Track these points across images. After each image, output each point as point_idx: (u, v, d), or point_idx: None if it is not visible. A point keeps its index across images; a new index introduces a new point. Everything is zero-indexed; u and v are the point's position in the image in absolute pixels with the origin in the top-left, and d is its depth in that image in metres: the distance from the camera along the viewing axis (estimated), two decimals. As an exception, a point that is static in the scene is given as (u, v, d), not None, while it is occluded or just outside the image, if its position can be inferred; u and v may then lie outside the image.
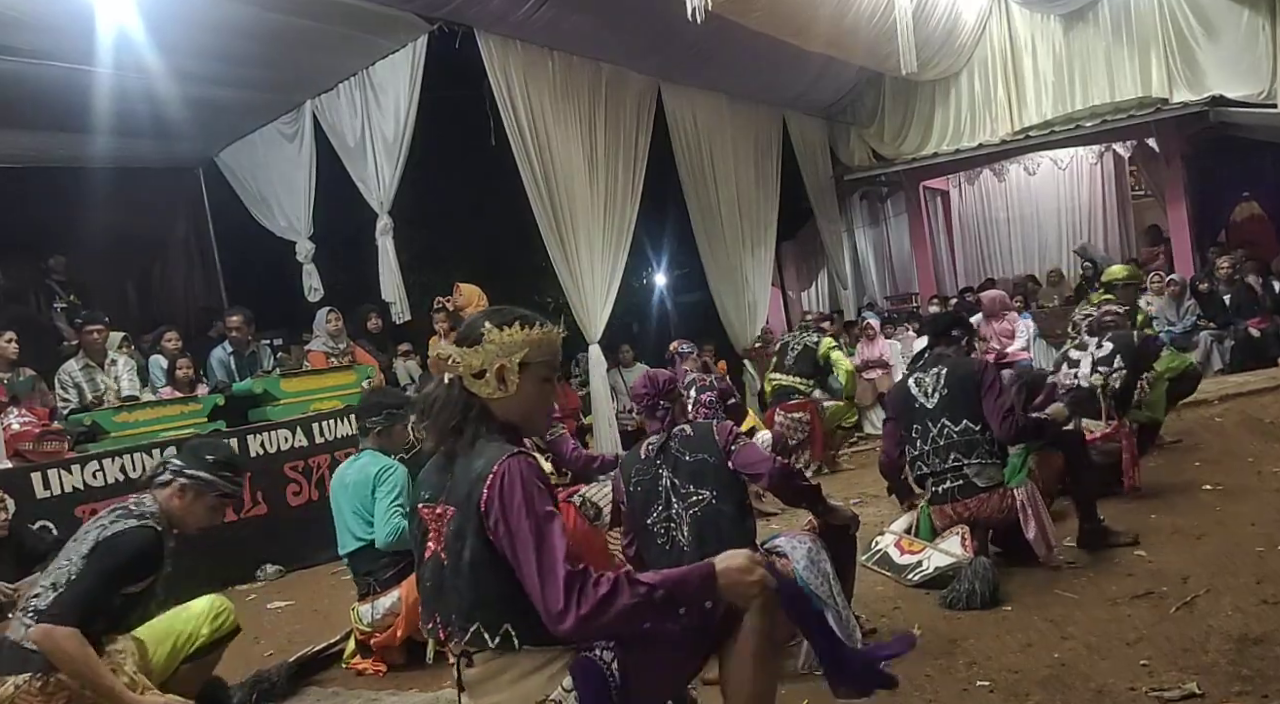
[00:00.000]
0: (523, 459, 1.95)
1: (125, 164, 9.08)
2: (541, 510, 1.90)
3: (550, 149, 8.17)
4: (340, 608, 5.05)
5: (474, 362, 2.04)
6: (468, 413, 2.05)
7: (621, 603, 1.83)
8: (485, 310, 2.20)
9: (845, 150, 13.18)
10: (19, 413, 6.03)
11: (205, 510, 3.06)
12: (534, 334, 2.06)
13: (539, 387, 2.10)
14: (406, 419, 4.07)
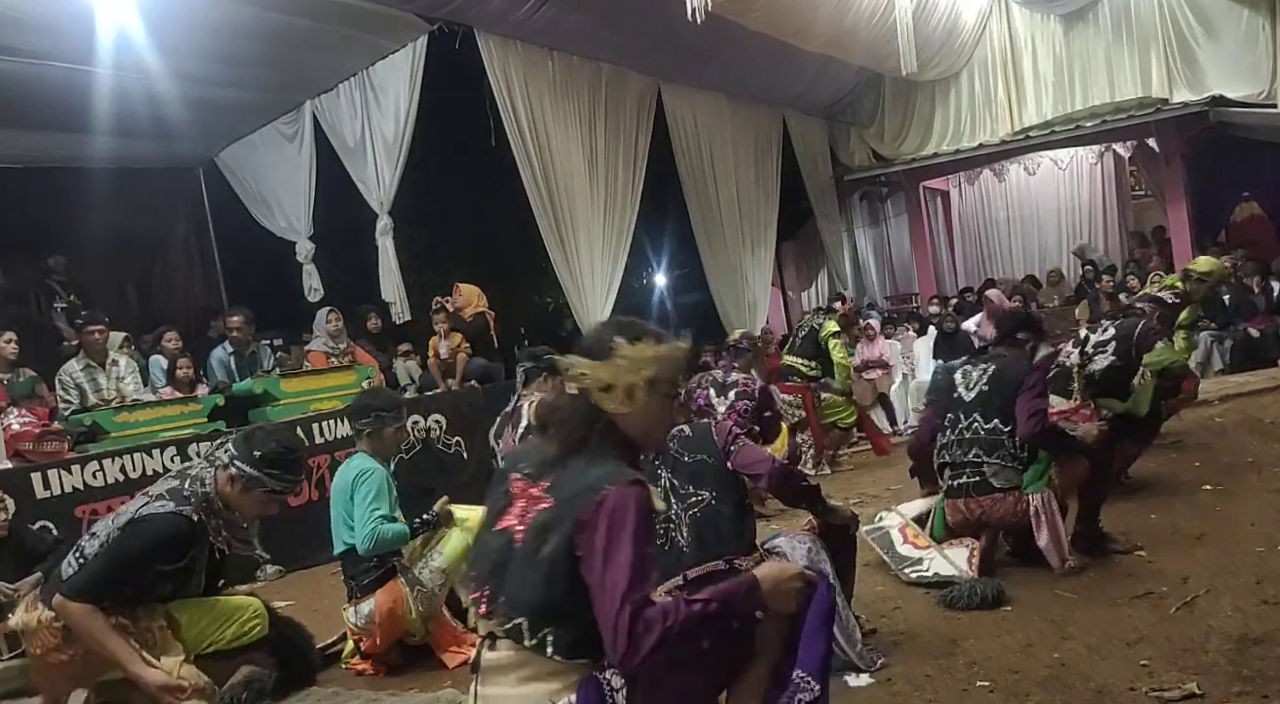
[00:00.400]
0: (642, 490, 1.91)
1: (125, 164, 9.08)
2: (643, 549, 1.85)
3: (550, 149, 8.18)
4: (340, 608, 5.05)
5: (603, 375, 2.00)
6: (593, 425, 2.01)
7: (681, 625, 1.80)
8: (613, 323, 2.13)
9: (845, 150, 13.19)
10: (19, 413, 6.03)
11: (255, 503, 3.06)
12: (663, 351, 2.03)
13: (663, 404, 2.07)
14: (399, 421, 4.03)
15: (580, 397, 2.03)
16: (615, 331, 2.04)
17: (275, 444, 3.04)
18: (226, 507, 3.04)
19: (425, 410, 7.41)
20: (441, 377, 8.32)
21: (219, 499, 3.05)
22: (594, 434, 2.01)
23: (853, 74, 11.77)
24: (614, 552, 1.83)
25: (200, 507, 3.02)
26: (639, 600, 1.79)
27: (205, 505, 3.03)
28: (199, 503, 3.02)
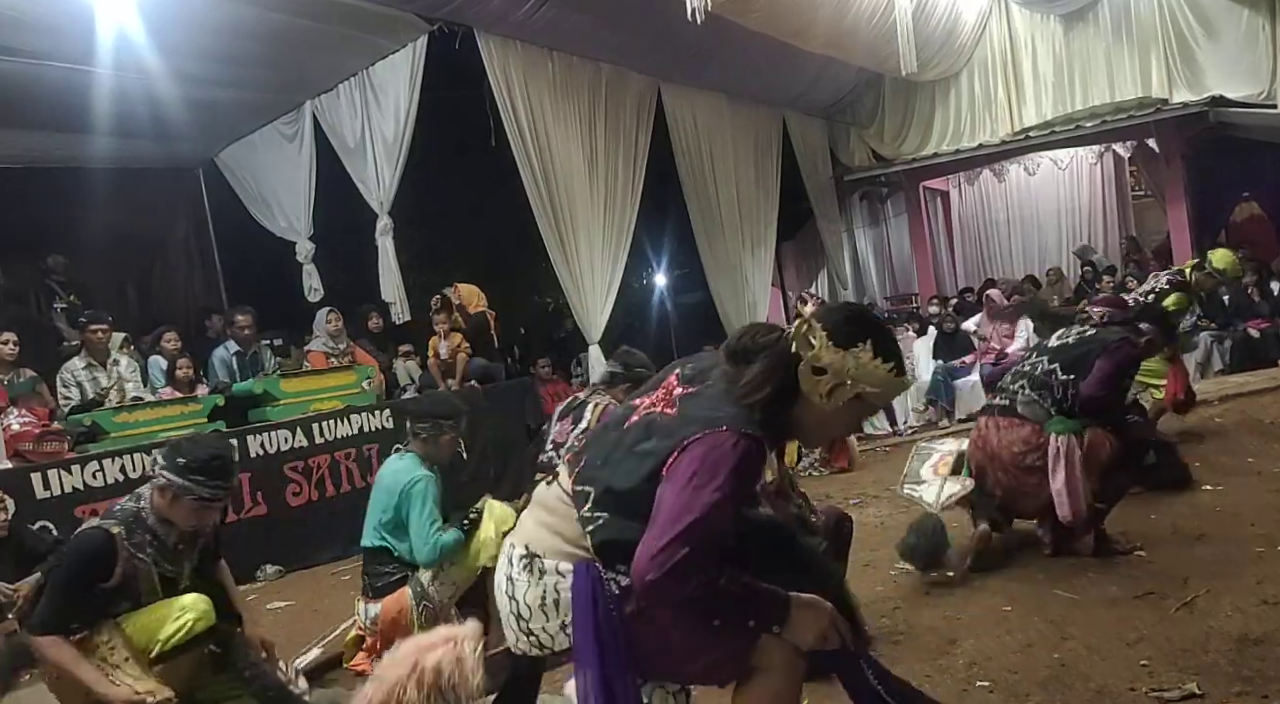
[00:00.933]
0: (757, 447, 1.85)
1: (125, 164, 9.09)
2: (725, 499, 1.79)
3: (550, 149, 8.18)
4: (340, 608, 5.05)
5: (826, 358, 1.91)
6: (781, 385, 1.93)
7: (712, 589, 1.78)
8: (874, 323, 2.02)
9: (845, 150, 13.18)
10: (19, 413, 6.03)
11: (187, 512, 2.97)
12: (894, 380, 1.95)
13: (852, 417, 2.03)
14: (456, 431, 4.00)
15: (789, 356, 1.94)
16: (872, 332, 1.95)
17: (200, 451, 2.96)
18: (163, 521, 3.01)
19: (425, 410, 7.40)
20: (441, 377, 8.32)
21: (154, 514, 3.00)
22: (773, 395, 1.93)
23: (853, 74, 11.76)
24: (701, 487, 1.79)
25: (125, 521, 2.99)
26: (698, 543, 1.75)
27: (132, 520, 3.00)
28: (124, 517, 3.00)
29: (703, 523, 1.76)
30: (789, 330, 1.98)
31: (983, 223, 14.92)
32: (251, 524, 6.23)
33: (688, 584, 1.76)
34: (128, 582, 2.96)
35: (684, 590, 1.77)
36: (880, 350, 1.92)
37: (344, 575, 6.06)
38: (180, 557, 3.06)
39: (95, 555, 2.94)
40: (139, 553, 2.97)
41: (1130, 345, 4.17)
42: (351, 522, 6.67)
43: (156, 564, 3.00)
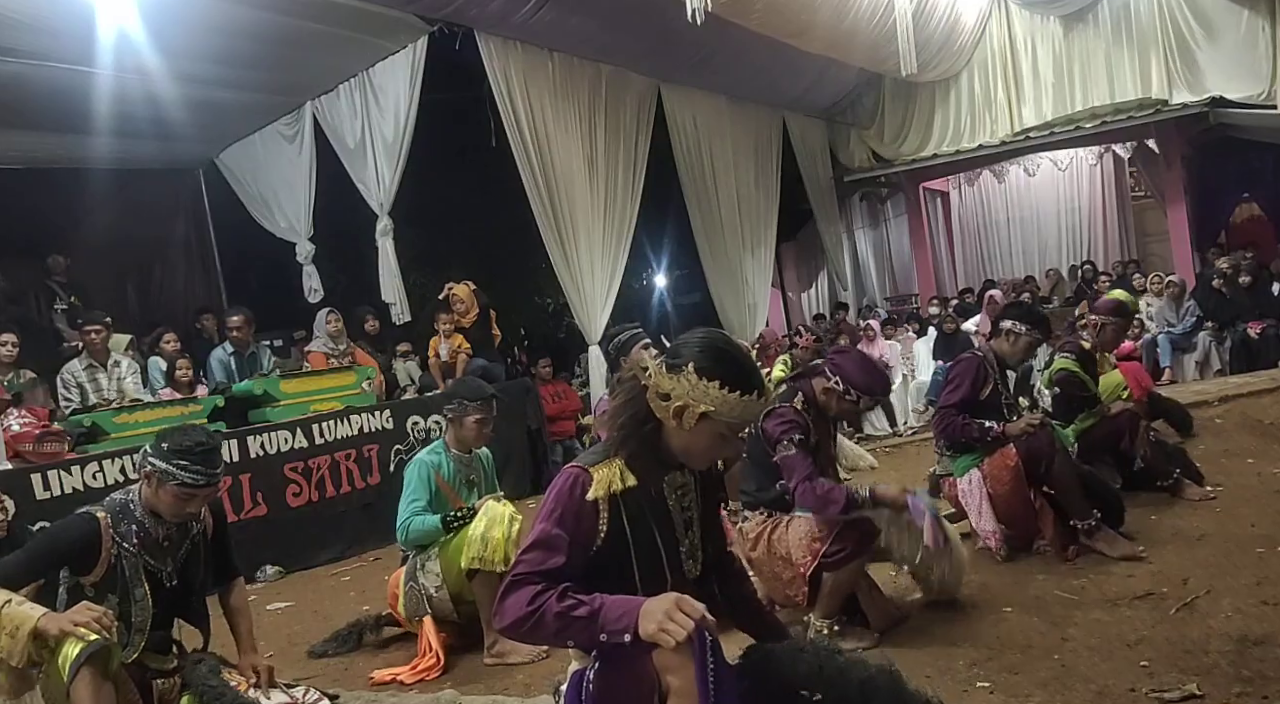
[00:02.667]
0: (581, 474, 2.01)
1: (126, 165, 9.11)
2: (549, 529, 1.95)
3: (550, 150, 8.19)
4: (341, 609, 5.06)
5: (664, 385, 1.99)
6: (643, 425, 2.03)
7: (539, 615, 1.85)
8: (705, 343, 2.03)
9: (845, 151, 13.20)
10: (19, 414, 6.03)
11: (171, 499, 2.93)
12: (730, 397, 1.95)
13: (713, 438, 2.02)
14: (481, 413, 3.96)
15: (641, 392, 2.04)
16: (696, 355, 1.99)
17: (185, 438, 2.95)
18: (151, 513, 3.00)
19: (425, 411, 7.42)
20: (442, 377, 8.32)
21: (141, 505, 3.00)
22: (641, 433, 2.03)
23: (852, 75, 11.78)
24: (538, 521, 1.98)
25: (113, 509, 2.99)
26: (523, 571, 1.90)
27: (119, 510, 3.00)
28: (112, 506, 3.00)
29: (530, 550, 1.94)
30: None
31: (983, 223, 14.95)
32: (251, 525, 6.22)
33: (517, 610, 1.86)
34: (111, 572, 2.95)
35: (517, 614, 1.86)
36: (704, 371, 1.95)
37: (344, 576, 6.06)
38: (165, 552, 3.05)
39: (76, 536, 2.93)
40: (124, 542, 2.96)
41: (970, 355, 4.33)
42: (352, 522, 6.73)
43: (140, 556, 2.99)
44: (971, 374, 4.21)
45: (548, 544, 1.93)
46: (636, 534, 2.05)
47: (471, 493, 4.04)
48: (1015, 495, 4.08)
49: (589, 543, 1.99)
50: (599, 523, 2.00)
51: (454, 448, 4.03)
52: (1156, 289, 9.84)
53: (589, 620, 1.83)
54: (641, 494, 2.06)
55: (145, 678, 2.98)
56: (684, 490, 2.17)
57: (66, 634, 2.63)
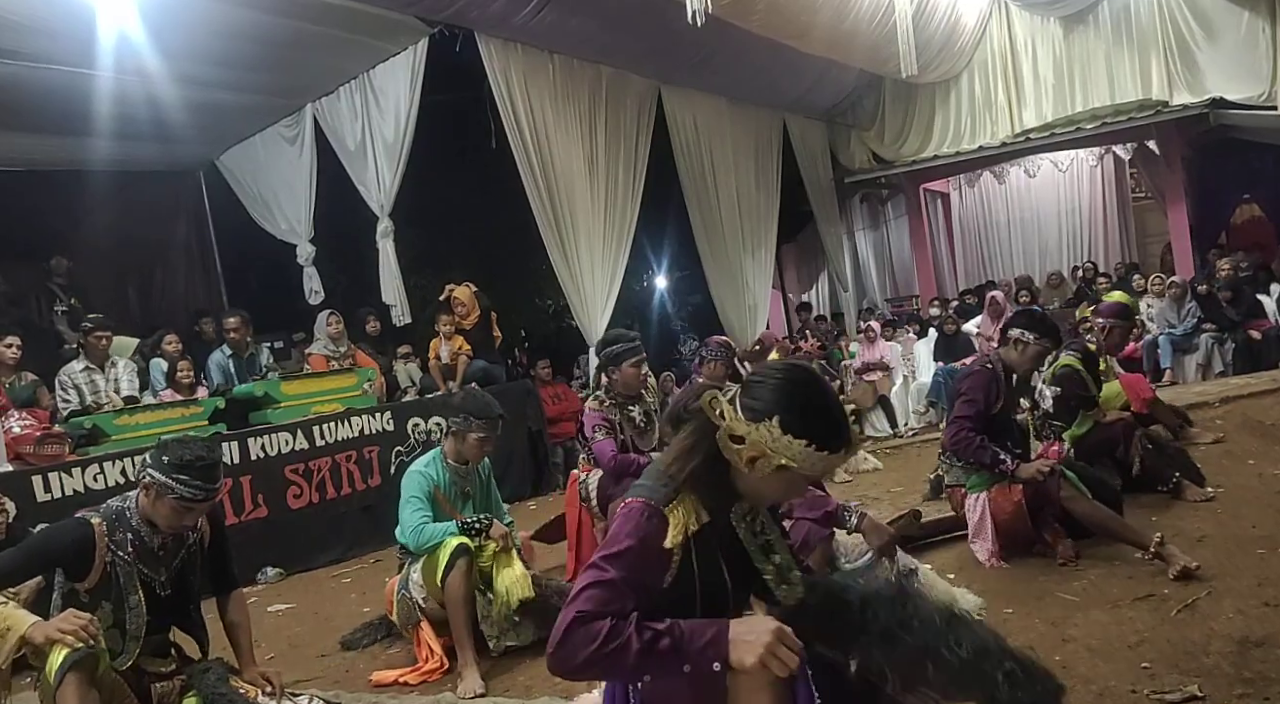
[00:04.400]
0: (654, 518, 1.82)
1: (126, 167, 9.12)
2: (619, 570, 1.77)
3: (551, 152, 8.19)
4: (342, 611, 5.07)
5: (739, 429, 1.82)
6: (715, 463, 1.87)
7: (615, 650, 1.68)
8: (793, 392, 1.84)
9: (845, 153, 13.20)
10: (19, 416, 6.04)
11: (169, 511, 2.93)
12: (816, 455, 1.79)
13: (785, 485, 1.89)
14: (485, 432, 3.94)
15: (710, 431, 1.87)
16: (782, 409, 1.81)
17: (186, 451, 2.94)
18: (147, 522, 3.00)
19: (426, 413, 7.42)
20: (443, 379, 8.32)
21: (138, 514, 2.99)
22: (708, 470, 1.88)
23: (853, 76, 11.78)
24: (602, 554, 1.80)
25: (109, 516, 2.99)
26: (585, 613, 1.71)
27: (115, 517, 2.99)
28: (108, 513, 3.00)
29: (593, 587, 1.75)
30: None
31: (983, 225, 14.95)
32: (252, 526, 6.23)
33: (588, 647, 1.69)
34: (106, 579, 2.95)
35: (589, 653, 1.69)
36: (789, 426, 1.78)
37: (345, 578, 6.06)
38: (160, 561, 3.05)
39: (68, 541, 2.94)
40: (119, 551, 2.96)
41: (981, 369, 4.23)
42: (352, 524, 6.73)
43: (135, 565, 2.99)
44: (984, 388, 4.13)
45: (614, 587, 1.75)
46: (705, 572, 1.91)
47: (466, 505, 4.03)
48: (1017, 522, 4.06)
49: (657, 586, 1.85)
50: (670, 568, 1.86)
51: (451, 459, 4.01)
52: (1157, 290, 9.83)
53: (674, 648, 1.69)
54: (713, 531, 1.93)
55: (143, 682, 2.98)
56: (753, 516, 2.03)
57: (52, 641, 2.64)
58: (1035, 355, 4.28)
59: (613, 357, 4.64)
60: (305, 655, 4.32)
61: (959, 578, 3.89)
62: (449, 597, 3.63)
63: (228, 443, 6.19)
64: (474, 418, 3.92)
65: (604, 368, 4.72)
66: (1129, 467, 4.90)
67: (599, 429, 4.48)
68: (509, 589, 3.76)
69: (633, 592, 1.76)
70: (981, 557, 4.11)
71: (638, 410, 4.68)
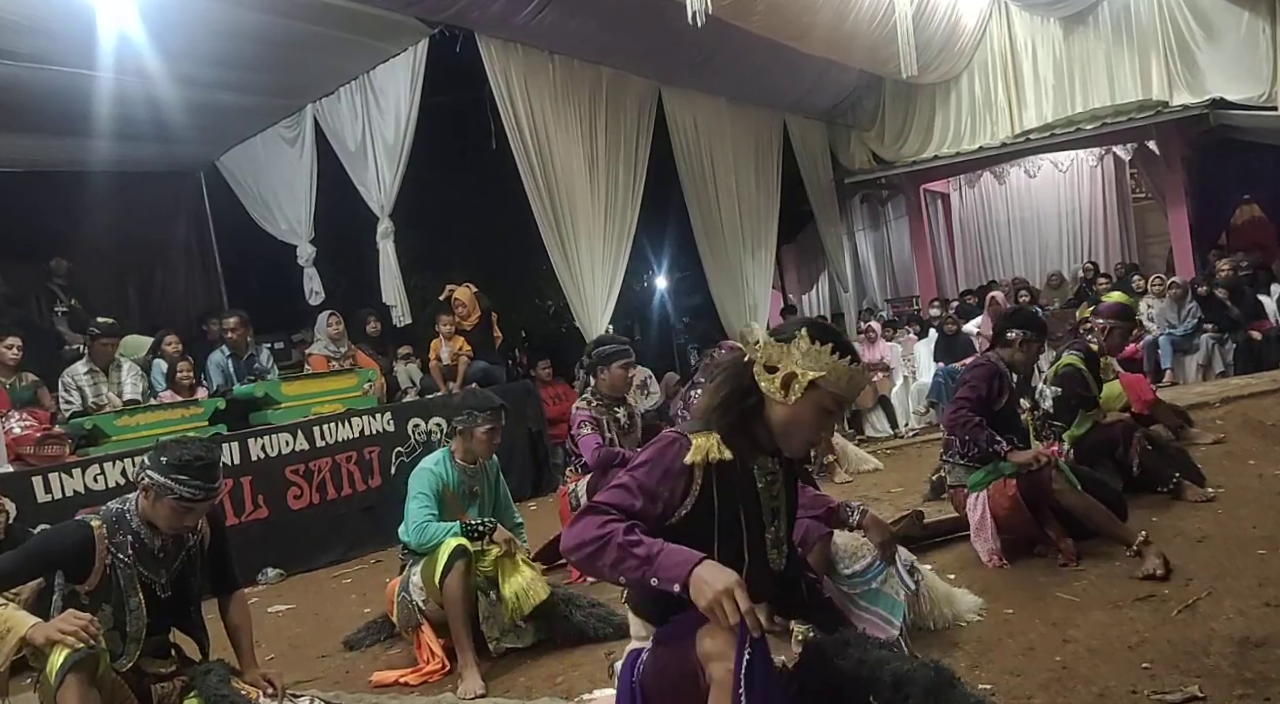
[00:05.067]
0: (681, 440, 2.02)
1: (126, 168, 9.11)
2: (641, 477, 1.98)
3: (551, 152, 8.20)
4: (343, 612, 5.07)
5: (773, 355, 2.03)
6: (745, 400, 2.05)
7: (603, 542, 1.85)
8: (810, 319, 2.14)
9: (846, 153, 13.20)
10: (20, 417, 6.05)
11: (169, 512, 2.92)
12: (840, 363, 2.00)
13: (816, 412, 2.04)
14: (491, 423, 3.95)
15: (746, 366, 2.06)
16: (808, 324, 2.06)
17: (185, 452, 2.94)
18: (147, 524, 2.99)
19: (426, 414, 7.42)
20: (443, 380, 8.32)
21: (138, 516, 2.99)
22: (742, 407, 2.05)
23: (853, 77, 11.78)
24: (629, 469, 2.01)
25: (108, 519, 2.99)
26: (595, 504, 1.93)
27: (115, 520, 2.99)
28: (108, 515, 3.00)
29: (612, 488, 1.96)
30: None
31: (983, 225, 14.95)
32: (252, 527, 6.23)
33: (583, 533, 1.86)
34: (106, 582, 2.95)
35: (582, 537, 1.86)
36: (817, 335, 2.00)
37: (345, 578, 6.06)
38: (160, 563, 3.05)
39: (68, 543, 2.94)
40: (119, 553, 2.96)
41: (986, 362, 4.28)
42: (353, 525, 6.73)
43: (135, 567, 2.99)
44: (988, 379, 4.18)
45: (629, 489, 1.96)
46: (723, 510, 2.05)
47: (473, 504, 4.03)
48: (1016, 516, 4.09)
49: (673, 505, 2.00)
50: (690, 489, 2.01)
51: (460, 459, 4.01)
52: (1158, 290, 9.83)
53: (646, 560, 1.82)
54: (734, 471, 2.06)
55: (144, 683, 2.98)
56: (773, 478, 2.17)
57: (53, 642, 2.64)
58: (1036, 352, 4.39)
59: (604, 356, 4.86)
60: (306, 656, 4.32)
61: (960, 578, 3.89)
62: (447, 598, 3.62)
63: (228, 444, 6.19)
64: (477, 412, 3.94)
65: (592, 368, 4.86)
66: (1129, 467, 4.90)
67: (585, 424, 4.72)
68: (519, 595, 3.75)
69: (646, 497, 1.95)
70: (983, 556, 4.12)
71: (623, 412, 4.91)
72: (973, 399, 4.14)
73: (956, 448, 4.24)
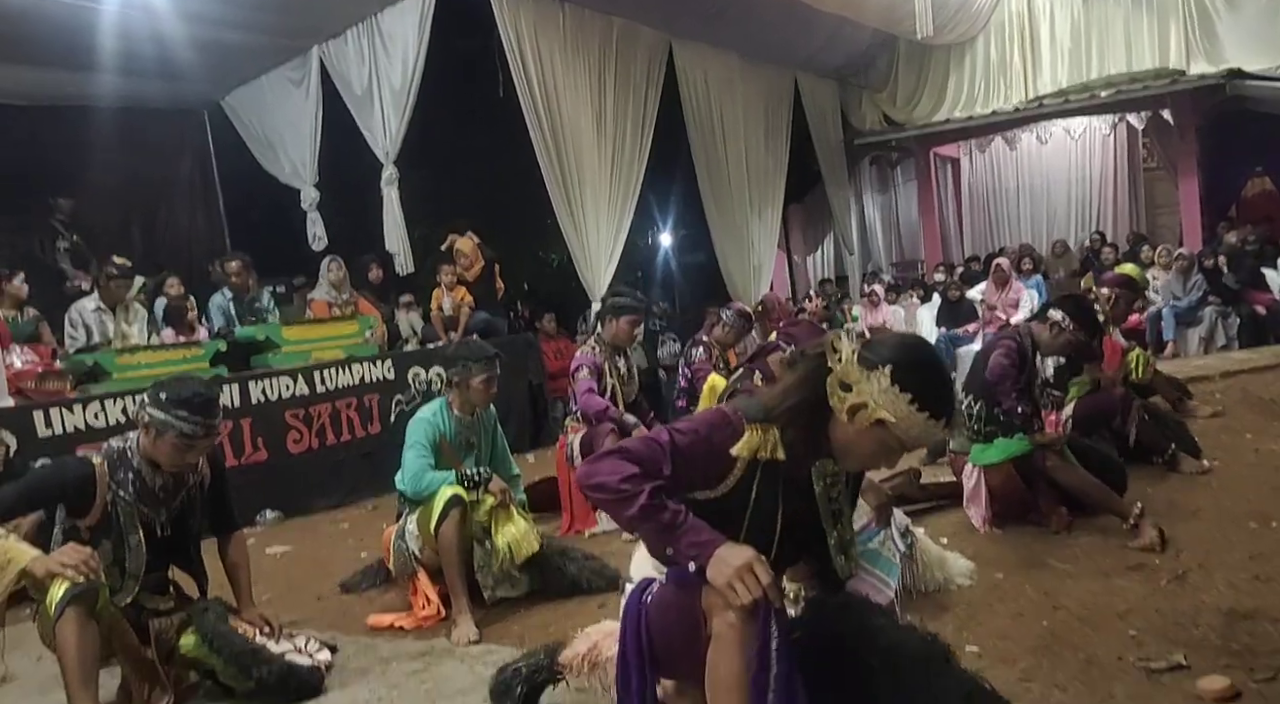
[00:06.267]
0: (733, 418, 1.98)
1: (131, 104, 9.02)
2: (678, 439, 1.92)
3: (559, 103, 8.11)
4: (340, 556, 5.11)
5: (850, 375, 1.91)
6: (815, 409, 1.97)
7: (626, 495, 1.81)
8: (910, 350, 1.95)
9: (856, 114, 13.05)
10: (21, 351, 6.06)
11: (170, 449, 2.93)
12: (916, 416, 1.87)
13: (877, 446, 1.95)
14: (486, 373, 3.93)
15: (822, 375, 1.96)
16: (896, 360, 1.89)
17: (183, 388, 2.96)
18: (149, 462, 3.01)
19: (427, 363, 7.43)
20: (444, 329, 8.32)
21: (139, 454, 3.00)
22: (806, 411, 1.97)
23: (867, 36, 11.61)
24: (671, 430, 1.96)
25: (110, 456, 3.00)
26: (626, 450, 1.88)
27: (116, 457, 3.01)
28: (109, 453, 3.02)
29: (650, 440, 1.91)
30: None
31: (992, 191, 14.82)
32: (252, 470, 6.27)
33: (611, 476, 1.83)
34: (106, 518, 2.97)
35: (608, 480, 1.83)
36: (900, 379, 1.86)
37: (343, 523, 6.11)
38: (160, 502, 3.07)
39: (69, 478, 2.96)
40: (120, 490, 2.98)
41: (1010, 340, 4.20)
42: (351, 470, 6.76)
43: (135, 505, 3.01)
44: (1016, 352, 4.12)
45: (665, 450, 1.89)
46: (760, 506, 1.99)
47: (469, 455, 4.04)
48: (1009, 486, 4.10)
49: (702, 485, 1.96)
50: (726, 478, 1.96)
51: (457, 410, 4.01)
52: (1164, 262, 9.78)
53: (667, 529, 1.80)
54: (786, 474, 2.00)
55: (142, 618, 3.02)
56: (834, 480, 2.08)
57: (53, 575, 2.66)
58: (1065, 344, 4.26)
59: (616, 307, 4.90)
60: (302, 598, 4.36)
61: (953, 542, 3.91)
62: (442, 545, 3.65)
63: (228, 386, 6.21)
64: (470, 362, 3.94)
65: (603, 316, 4.91)
66: (1125, 438, 4.91)
67: (584, 368, 4.80)
68: (511, 545, 3.78)
69: (677, 466, 1.89)
70: (976, 522, 4.14)
71: (623, 362, 4.99)
72: (1009, 364, 4.07)
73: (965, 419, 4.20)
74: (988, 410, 4.17)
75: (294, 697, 2.99)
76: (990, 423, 4.16)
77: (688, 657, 1.87)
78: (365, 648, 3.52)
